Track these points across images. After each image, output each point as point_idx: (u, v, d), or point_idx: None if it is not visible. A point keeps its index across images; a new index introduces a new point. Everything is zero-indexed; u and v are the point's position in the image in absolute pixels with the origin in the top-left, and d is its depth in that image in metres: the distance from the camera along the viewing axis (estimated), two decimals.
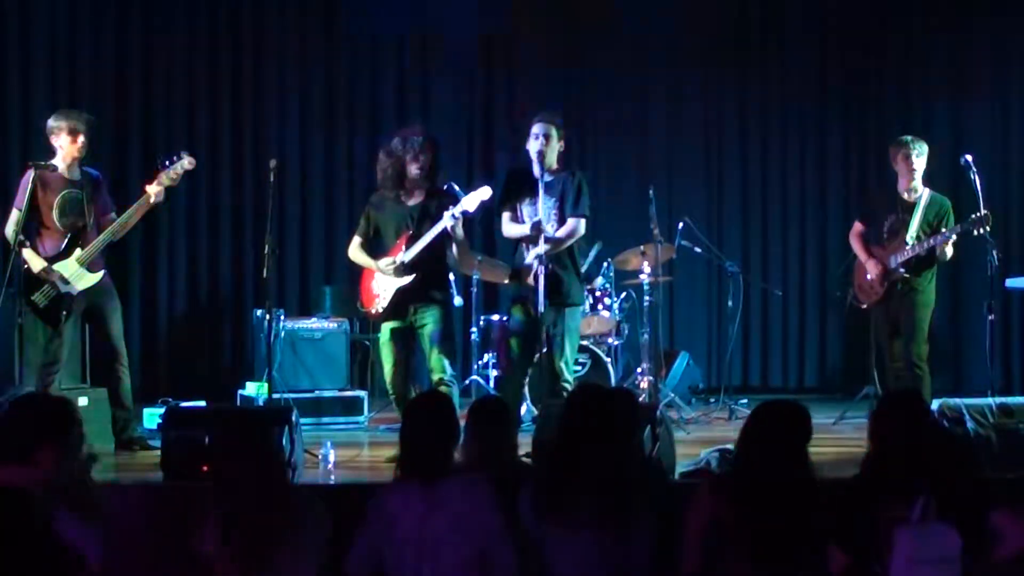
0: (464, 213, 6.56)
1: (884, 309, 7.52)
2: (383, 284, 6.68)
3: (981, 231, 7.17)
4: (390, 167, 6.71)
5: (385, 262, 6.64)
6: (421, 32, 10.10)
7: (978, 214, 7.15)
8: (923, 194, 7.46)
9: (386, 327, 6.72)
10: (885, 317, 7.54)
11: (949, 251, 7.33)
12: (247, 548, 3.73)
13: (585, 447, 4.01)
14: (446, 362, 6.58)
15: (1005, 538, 3.63)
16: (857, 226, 7.72)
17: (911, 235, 7.35)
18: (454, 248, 6.70)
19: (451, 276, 7.32)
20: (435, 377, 6.61)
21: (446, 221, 6.51)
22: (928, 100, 10.32)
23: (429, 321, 6.63)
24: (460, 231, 6.62)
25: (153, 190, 6.86)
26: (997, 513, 3.66)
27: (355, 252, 6.87)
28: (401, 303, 6.65)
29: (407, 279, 6.59)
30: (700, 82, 10.39)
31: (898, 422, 3.92)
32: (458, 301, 8.34)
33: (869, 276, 7.53)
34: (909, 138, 7.57)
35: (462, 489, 3.98)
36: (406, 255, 6.58)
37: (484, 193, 6.62)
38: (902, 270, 7.36)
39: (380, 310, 6.67)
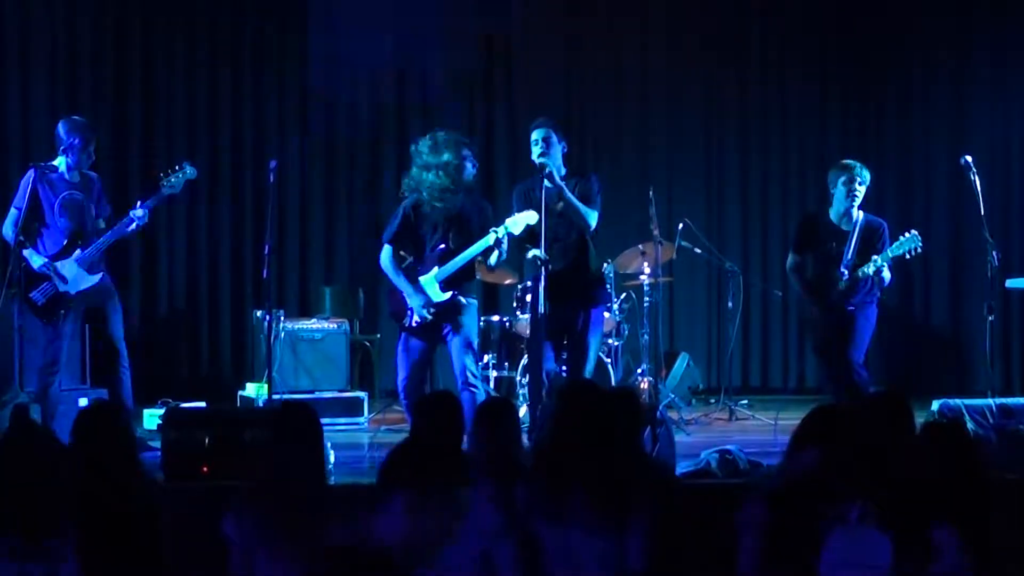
0: (508, 235, 6.43)
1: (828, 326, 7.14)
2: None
3: (914, 252, 6.93)
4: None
5: (420, 301, 6.49)
6: (421, 33, 10.10)
7: (907, 234, 6.91)
8: (858, 220, 7.07)
9: (407, 335, 6.64)
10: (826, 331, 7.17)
11: (887, 275, 6.98)
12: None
13: (579, 447, 3.99)
14: (471, 364, 6.55)
15: (942, 554, 3.57)
16: (791, 258, 7.36)
17: (844, 266, 6.99)
18: (492, 257, 6.54)
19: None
20: (461, 379, 6.56)
21: (489, 240, 6.39)
22: (928, 101, 10.33)
23: (454, 327, 6.55)
24: (504, 248, 6.46)
25: (136, 214, 6.84)
26: (940, 529, 3.59)
27: (388, 265, 6.64)
28: (433, 320, 6.56)
29: (443, 296, 6.51)
30: (700, 82, 10.39)
31: (882, 424, 3.89)
32: None
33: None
34: (853, 163, 7.17)
35: (466, 488, 4.00)
36: (440, 273, 6.49)
37: (531, 217, 6.46)
38: (850, 308, 7.01)
39: (414, 325, 6.58)
